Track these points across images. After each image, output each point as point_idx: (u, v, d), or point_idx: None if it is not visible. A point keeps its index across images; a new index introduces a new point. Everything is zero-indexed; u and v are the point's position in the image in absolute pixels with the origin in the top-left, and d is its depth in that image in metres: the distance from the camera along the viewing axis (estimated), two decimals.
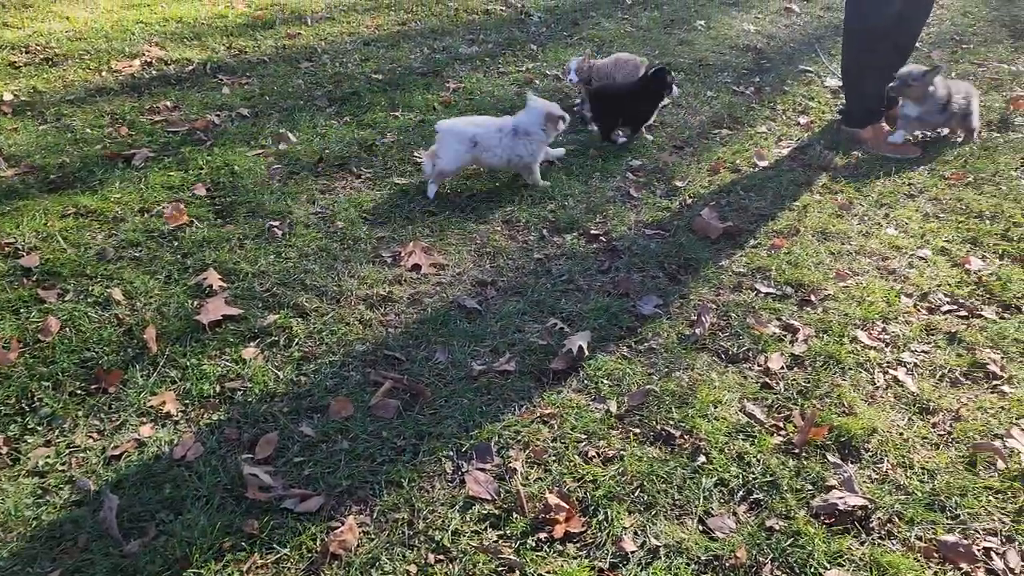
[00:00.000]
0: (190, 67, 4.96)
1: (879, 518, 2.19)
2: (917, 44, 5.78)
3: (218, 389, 2.54)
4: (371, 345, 2.78)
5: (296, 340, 2.77)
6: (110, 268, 3.10)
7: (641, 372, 2.70)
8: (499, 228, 3.53)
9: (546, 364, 2.71)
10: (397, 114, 4.53)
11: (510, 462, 2.31)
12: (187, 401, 2.50)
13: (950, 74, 5.34)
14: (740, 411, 2.54)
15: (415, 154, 4.07)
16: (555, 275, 3.22)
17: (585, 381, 2.65)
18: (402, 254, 3.27)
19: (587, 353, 2.73)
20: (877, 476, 2.33)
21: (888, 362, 2.78)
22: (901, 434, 2.47)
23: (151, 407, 2.46)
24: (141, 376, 2.58)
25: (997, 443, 2.43)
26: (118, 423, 2.41)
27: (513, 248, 3.39)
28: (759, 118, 4.74)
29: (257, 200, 3.58)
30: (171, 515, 2.11)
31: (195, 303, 2.90)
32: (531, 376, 2.66)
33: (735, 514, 2.20)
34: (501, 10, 6.43)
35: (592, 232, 3.52)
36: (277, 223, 3.43)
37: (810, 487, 2.27)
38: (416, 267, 3.21)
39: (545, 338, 2.83)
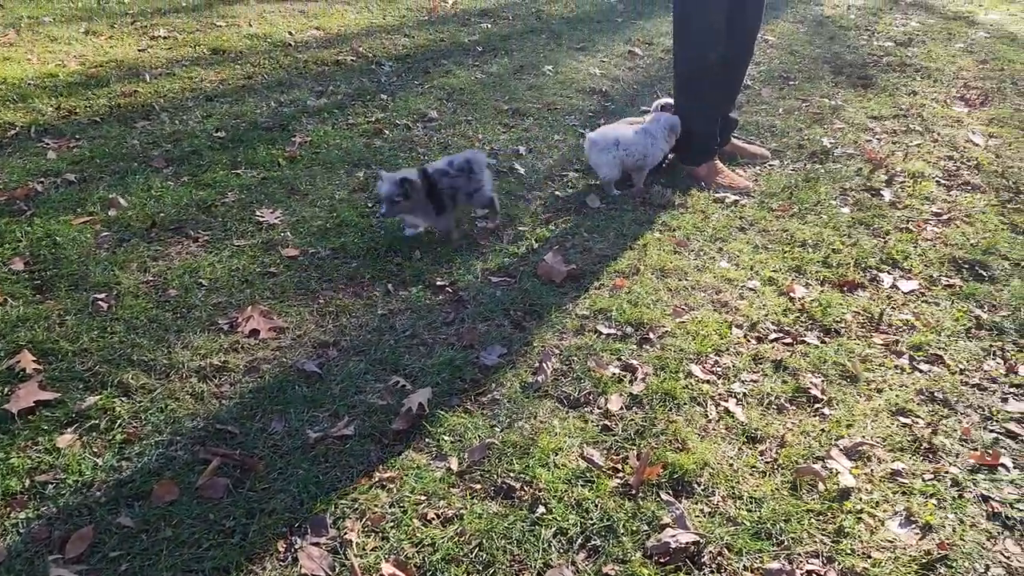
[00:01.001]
0: (12, 131, 4.68)
1: (710, 552, 2.25)
2: (749, 83, 6.17)
3: (27, 484, 2.36)
4: (202, 420, 2.66)
5: (119, 422, 2.61)
6: None
7: (484, 425, 2.69)
8: (343, 286, 3.47)
9: (387, 425, 2.66)
10: (239, 172, 4.41)
11: (345, 533, 2.25)
12: None
13: (778, 110, 5.69)
14: (580, 456, 2.57)
15: (257, 213, 3.97)
16: (399, 331, 3.19)
17: (426, 439, 2.62)
18: (239, 319, 3.17)
19: (427, 410, 2.71)
20: (709, 509, 2.40)
21: (720, 394, 2.89)
22: (731, 465, 2.56)
23: None
24: None
25: (817, 466, 2.55)
26: None
27: (357, 306, 3.34)
28: None
29: (81, 272, 3.39)
30: None
31: (5, 390, 2.69)
32: (371, 439, 2.61)
33: (574, 563, 2.21)
34: (352, 60, 6.42)
35: (438, 284, 3.51)
36: (103, 295, 3.25)
37: (646, 528, 2.31)
38: (254, 332, 3.11)
39: (386, 398, 2.79)
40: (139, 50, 6.27)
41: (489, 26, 7.60)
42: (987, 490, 2.50)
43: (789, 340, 3.19)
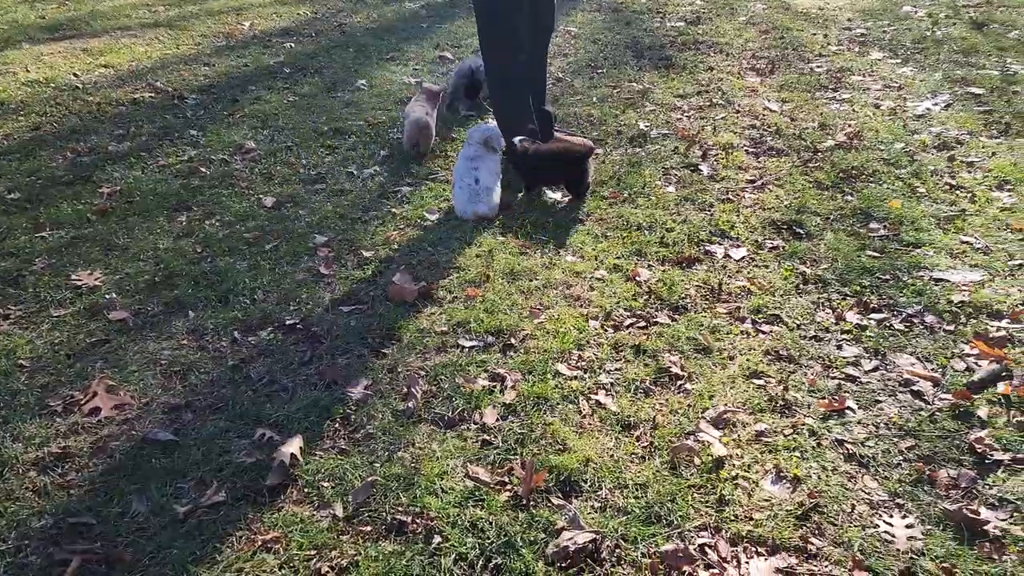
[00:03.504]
0: None
1: (608, 546, 2.29)
2: (560, 75, 6.36)
3: None
4: (51, 517, 2.41)
5: None
6: None
7: (363, 463, 2.61)
8: (185, 341, 3.25)
9: (260, 483, 2.52)
10: (44, 234, 4.03)
11: None
12: None
13: (592, 99, 5.89)
14: (465, 476, 2.54)
15: (73, 277, 3.64)
16: (255, 379, 3.03)
17: (305, 490, 2.51)
18: (75, 398, 2.90)
19: (300, 459, 2.59)
20: (599, 504, 2.44)
21: (589, 388, 2.95)
22: (612, 456, 2.62)
23: None
24: None
25: (690, 441, 2.66)
26: None
27: (205, 360, 3.14)
28: (435, 168, 4.87)
29: None
30: None
31: None
32: (246, 501, 2.46)
33: None
34: (150, 97, 6.02)
35: (288, 322, 3.37)
36: None
37: (543, 536, 2.32)
38: (95, 410, 2.85)
39: (254, 454, 2.64)
40: None
41: (293, 45, 7.38)
42: (840, 434, 2.70)
43: (643, 323, 3.31)
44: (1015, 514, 2.35)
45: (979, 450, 2.58)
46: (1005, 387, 2.83)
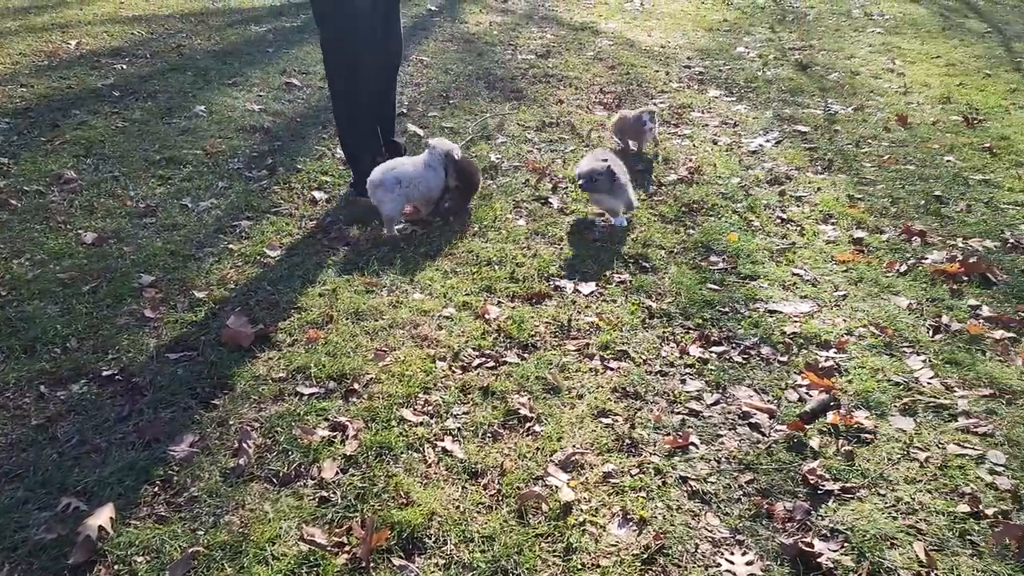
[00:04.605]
0: None
1: None
2: (412, 104, 6.26)
3: None
4: None
5: None
6: None
7: (184, 532, 2.37)
8: None
9: (62, 563, 2.24)
10: None
11: None
12: None
13: (444, 130, 5.83)
14: (299, 540, 2.36)
15: None
16: (63, 440, 2.72)
17: (116, 567, 2.24)
18: None
19: (111, 531, 2.32)
20: (443, 561, 2.33)
21: (435, 434, 2.83)
22: (458, 507, 2.51)
23: None
24: None
25: (538, 487, 2.59)
26: None
27: (3, 419, 2.79)
28: (278, 201, 4.64)
29: None
30: None
31: None
32: None
33: None
34: None
35: (104, 373, 3.06)
36: None
37: None
38: None
39: (55, 528, 2.34)
40: None
41: (125, 67, 6.89)
42: (684, 471, 2.72)
43: (492, 363, 3.23)
44: (845, 544, 2.43)
45: (812, 481, 2.65)
46: (834, 416, 2.95)
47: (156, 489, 2.54)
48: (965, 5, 10.44)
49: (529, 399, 3.03)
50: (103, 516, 2.35)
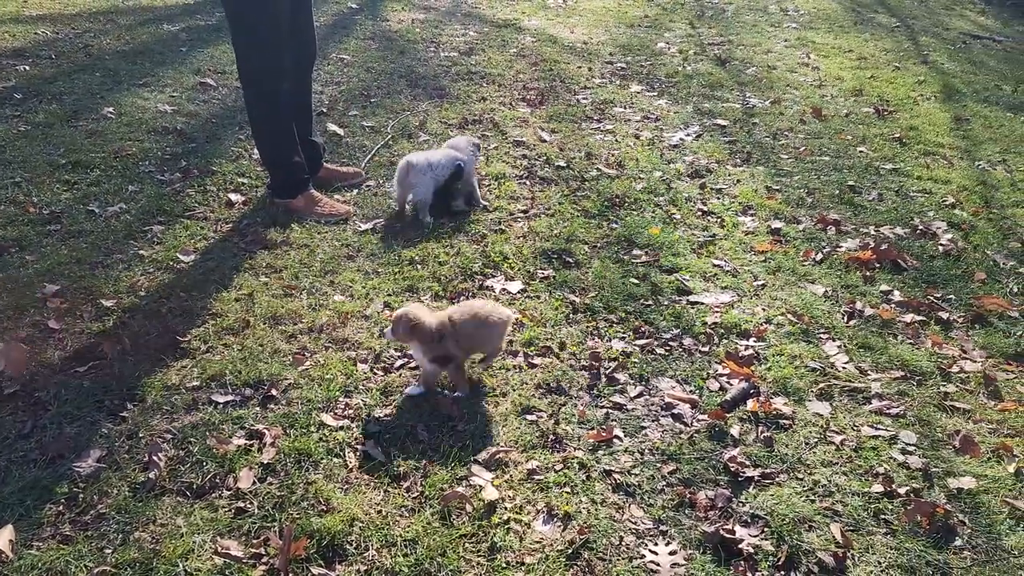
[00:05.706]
0: None
1: None
2: (331, 104, 6.15)
3: None
4: None
5: None
6: None
7: (90, 551, 2.26)
8: None
9: None
10: None
11: None
12: None
13: (365, 129, 5.74)
14: (214, 553, 2.27)
15: None
16: None
17: None
18: None
19: (11, 555, 2.20)
20: (365, 568, 2.28)
21: (356, 438, 2.78)
22: (380, 512, 2.46)
23: None
24: None
25: (462, 487, 2.56)
26: None
27: None
28: (192, 204, 4.48)
29: None
30: None
31: None
32: None
33: None
34: None
35: (7, 392, 2.90)
36: None
37: None
38: None
39: None
40: None
41: (28, 68, 6.58)
42: (608, 464, 2.72)
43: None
44: (765, 529, 2.46)
45: (732, 468, 2.69)
46: (753, 404, 3.00)
47: (60, 508, 2.42)
48: (876, 1, 10.82)
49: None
50: (2, 539, 2.22)
